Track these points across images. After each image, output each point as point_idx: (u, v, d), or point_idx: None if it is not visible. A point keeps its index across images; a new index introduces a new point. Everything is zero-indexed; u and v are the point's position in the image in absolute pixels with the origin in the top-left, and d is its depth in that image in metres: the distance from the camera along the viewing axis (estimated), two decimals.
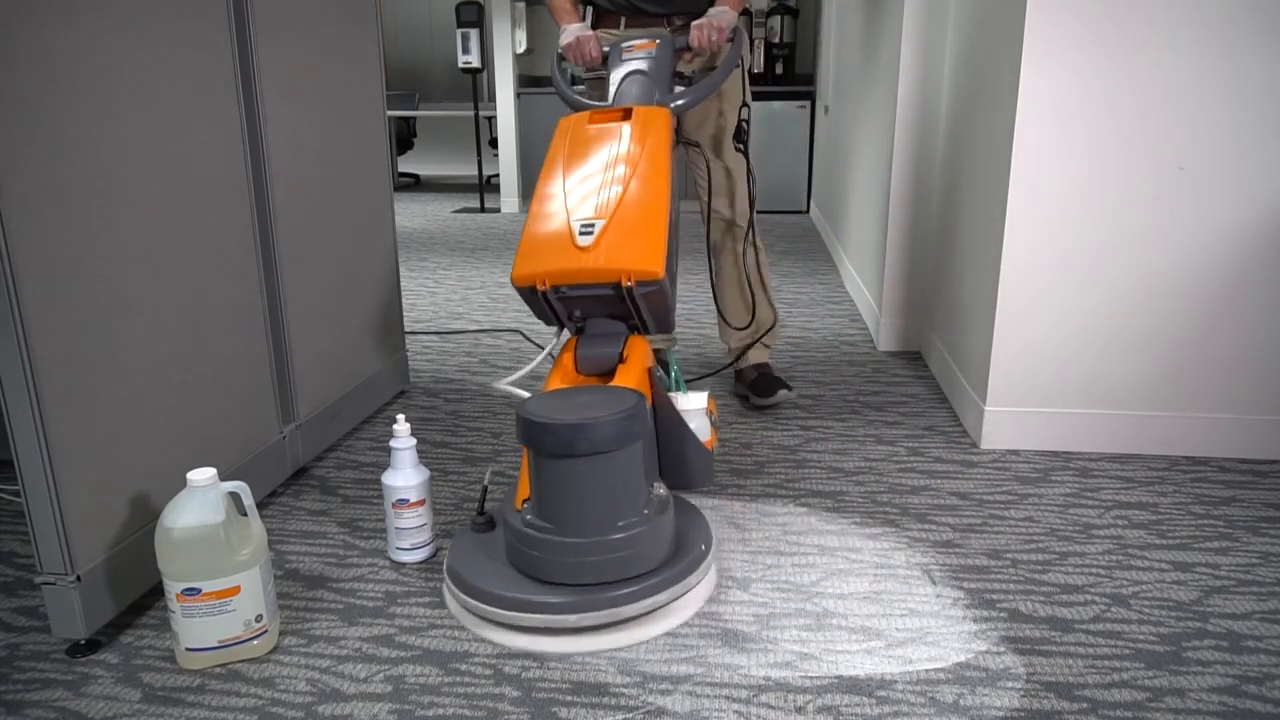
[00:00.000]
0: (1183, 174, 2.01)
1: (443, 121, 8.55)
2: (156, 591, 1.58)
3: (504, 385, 1.78)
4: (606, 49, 2.21)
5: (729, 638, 1.47)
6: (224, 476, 1.44)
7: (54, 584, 1.39)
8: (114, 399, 1.47)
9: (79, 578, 1.39)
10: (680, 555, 1.52)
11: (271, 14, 1.90)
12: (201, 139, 1.69)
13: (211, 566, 1.36)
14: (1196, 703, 1.31)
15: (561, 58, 2.33)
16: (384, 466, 1.74)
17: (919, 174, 2.92)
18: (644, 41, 2.11)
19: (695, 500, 1.93)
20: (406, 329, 3.35)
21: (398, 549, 1.71)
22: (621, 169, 1.77)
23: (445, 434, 2.34)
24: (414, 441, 1.68)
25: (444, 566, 1.60)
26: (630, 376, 1.62)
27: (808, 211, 6.44)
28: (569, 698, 1.33)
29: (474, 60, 6.43)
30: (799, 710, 1.30)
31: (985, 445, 2.21)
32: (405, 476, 1.67)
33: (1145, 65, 1.96)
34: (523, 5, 6.68)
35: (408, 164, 8.69)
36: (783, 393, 2.44)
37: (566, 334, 1.79)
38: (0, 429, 1.36)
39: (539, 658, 1.42)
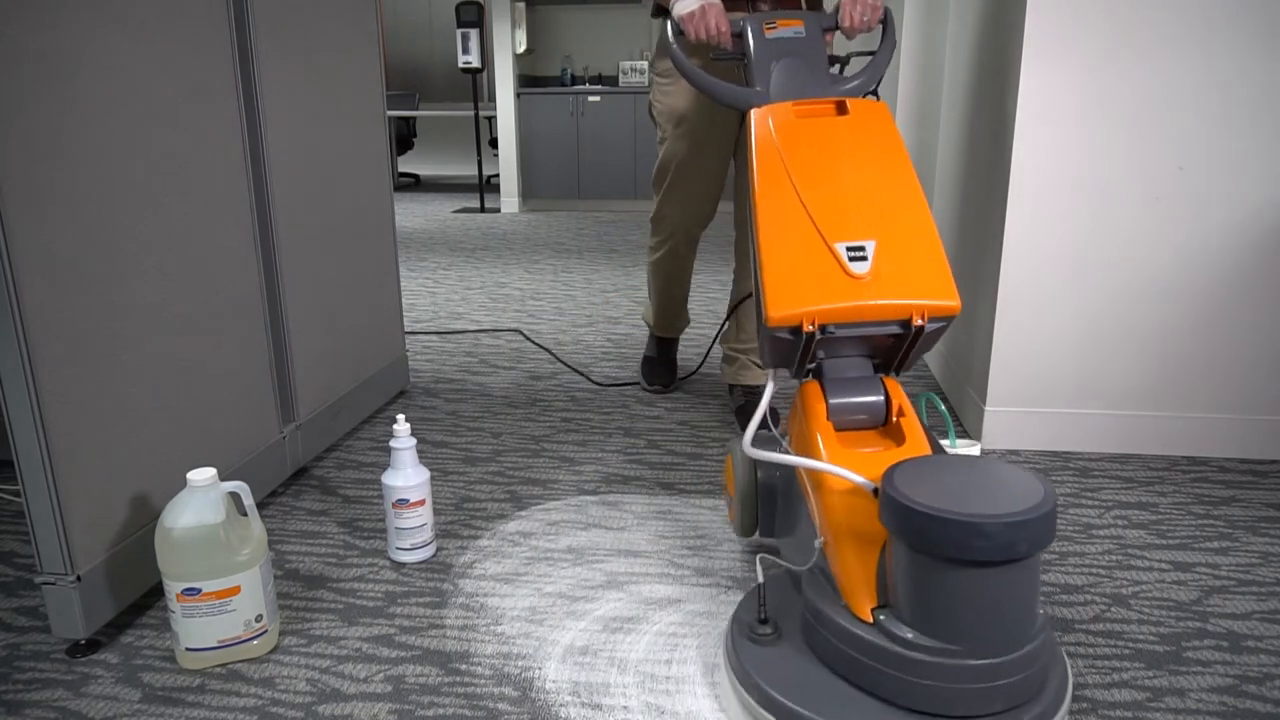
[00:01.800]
0: (1182, 174, 2.01)
1: (443, 121, 8.55)
2: (156, 591, 1.58)
3: (757, 452, 1.39)
4: (737, 23, 1.80)
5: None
6: (224, 476, 1.44)
7: (54, 584, 1.39)
8: (114, 399, 1.47)
9: (79, 578, 1.39)
10: (1055, 672, 1.21)
11: (271, 14, 1.90)
12: (201, 139, 1.69)
13: (211, 566, 1.36)
14: (1196, 703, 1.31)
15: (679, 31, 1.88)
16: (384, 466, 1.74)
17: (919, 174, 2.92)
18: (788, 18, 1.77)
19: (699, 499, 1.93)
20: (406, 329, 3.35)
21: (398, 549, 1.71)
22: (871, 177, 1.48)
23: (445, 434, 2.34)
24: (414, 441, 1.68)
25: (742, 684, 1.24)
26: (915, 434, 1.36)
27: None
28: (569, 698, 1.33)
29: (474, 60, 6.43)
30: None
31: (985, 445, 2.21)
32: (405, 476, 1.67)
33: (1145, 65, 1.96)
34: (523, 5, 6.68)
35: (408, 164, 8.69)
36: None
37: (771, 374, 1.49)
38: (0, 429, 1.36)
39: None
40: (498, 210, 6.74)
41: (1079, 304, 2.11)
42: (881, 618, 1.16)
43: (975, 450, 1.60)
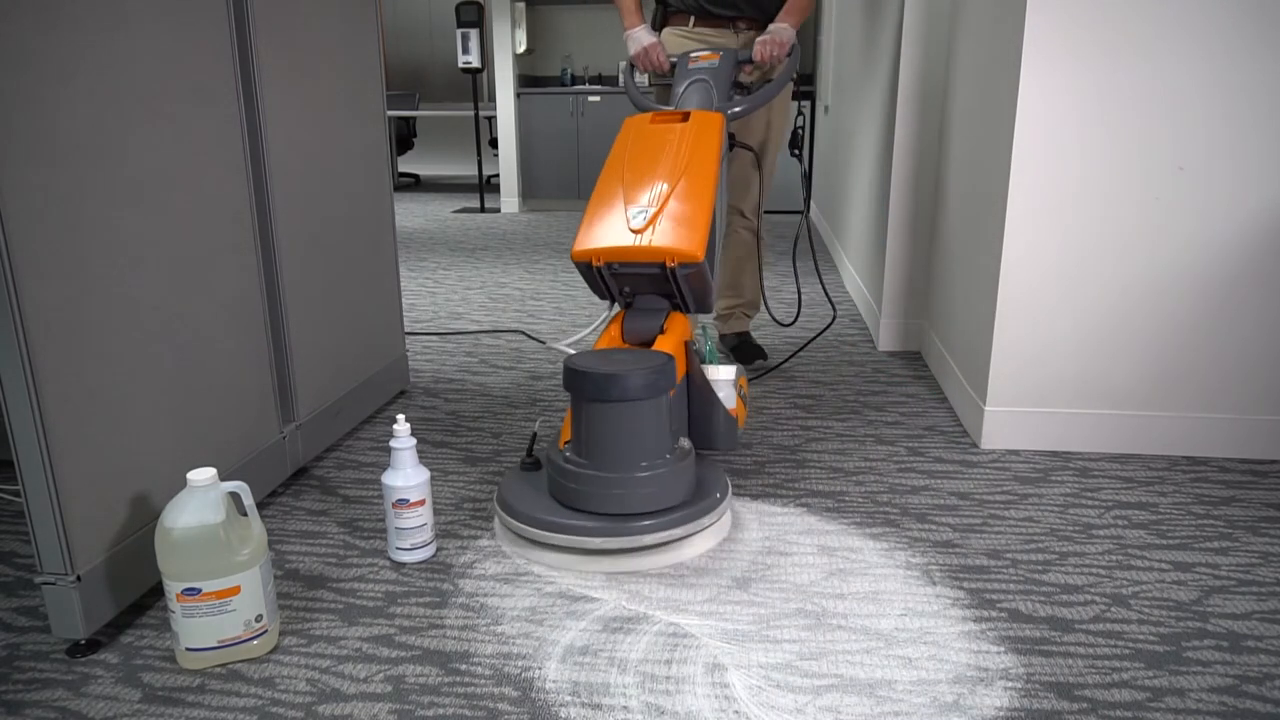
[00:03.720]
0: (1182, 174, 2.01)
1: (443, 121, 8.55)
2: (156, 591, 1.58)
3: (561, 345, 1.99)
4: (673, 58, 2.45)
5: (729, 637, 1.47)
6: (224, 476, 1.44)
7: (54, 584, 1.39)
8: (114, 399, 1.47)
9: (79, 578, 1.39)
10: (698, 499, 1.73)
11: (271, 14, 1.90)
12: (201, 139, 1.69)
13: (211, 566, 1.36)
14: (1196, 703, 1.31)
15: (632, 65, 2.54)
16: (384, 466, 1.74)
17: (919, 174, 2.92)
18: (709, 53, 2.35)
19: None
20: (406, 329, 3.35)
21: (398, 549, 1.71)
22: (675, 164, 1.99)
23: (445, 434, 2.34)
24: (414, 441, 1.68)
25: (495, 498, 1.83)
26: (668, 344, 1.86)
27: (807, 212, 6.44)
28: (569, 698, 1.33)
29: (474, 60, 6.43)
30: (799, 710, 1.30)
31: (985, 445, 2.21)
32: (405, 476, 1.67)
33: (1145, 65, 1.96)
34: (523, 5, 6.68)
35: (408, 164, 8.69)
36: (759, 361, 2.83)
37: (616, 308, 2.04)
38: (0, 429, 1.36)
39: (561, 568, 1.66)
40: (498, 210, 6.74)
41: (1079, 304, 2.11)
42: (565, 451, 1.73)
43: (731, 374, 1.98)
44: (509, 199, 6.72)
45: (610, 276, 1.92)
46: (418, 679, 1.38)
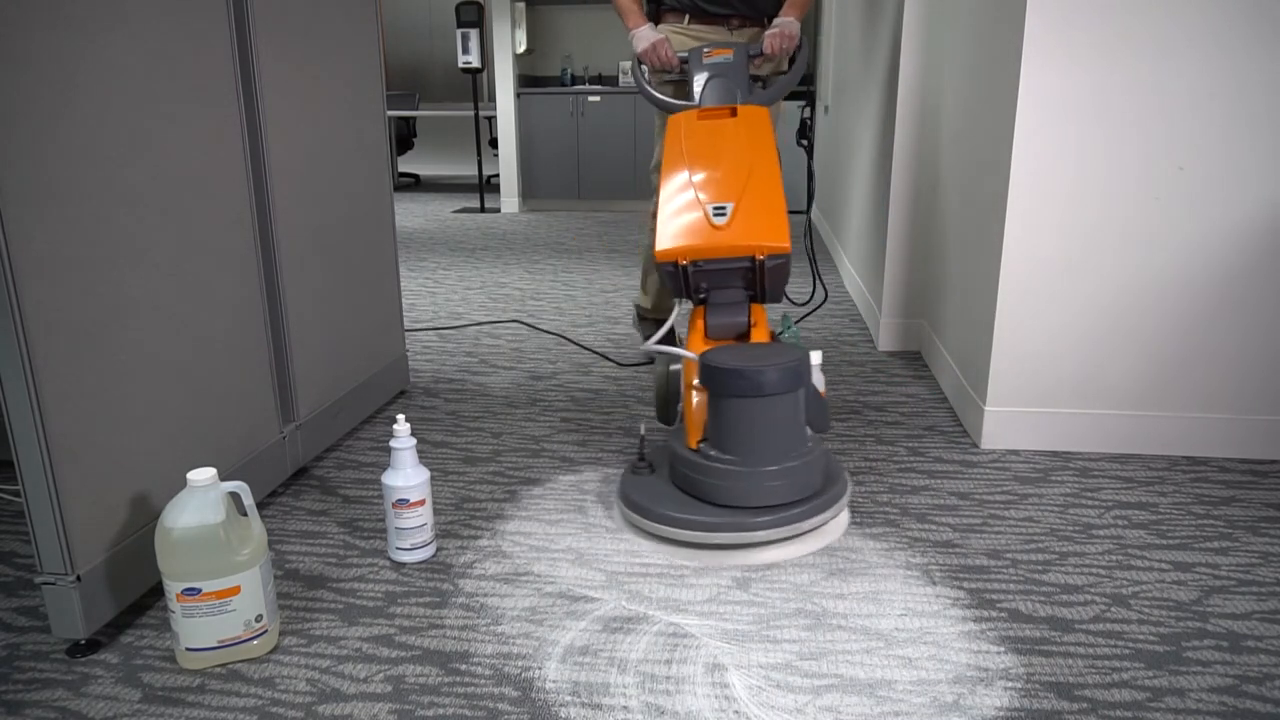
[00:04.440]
0: (1182, 174, 2.01)
1: (443, 121, 8.55)
2: (156, 591, 1.58)
3: (653, 346, 1.99)
4: (683, 54, 2.43)
5: (729, 637, 1.47)
6: (224, 476, 1.44)
7: (54, 584, 1.39)
8: (114, 399, 1.47)
9: (79, 578, 1.39)
10: (832, 485, 1.78)
11: (271, 14, 1.90)
12: (201, 139, 1.69)
13: (211, 566, 1.36)
14: (1196, 703, 1.31)
15: (640, 62, 2.51)
16: (384, 466, 1.74)
17: (919, 174, 2.92)
18: (721, 48, 2.34)
19: None
20: (406, 328, 3.35)
21: (398, 549, 1.71)
22: (741, 159, 2.03)
23: (445, 434, 2.34)
24: (414, 441, 1.68)
25: (620, 500, 1.84)
26: (763, 336, 1.94)
27: (808, 212, 6.44)
28: (569, 698, 1.33)
29: (474, 60, 6.43)
30: (799, 710, 1.30)
31: (985, 445, 2.21)
32: (405, 476, 1.67)
33: (1145, 65, 1.96)
34: (523, 5, 6.68)
35: (408, 164, 8.69)
36: None
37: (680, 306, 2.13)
38: (0, 429, 1.36)
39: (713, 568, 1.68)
40: (498, 210, 6.74)
41: (1079, 304, 2.11)
42: (702, 446, 1.75)
43: (818, 358, 1.92)
44: (509, 199, 6.72)
45: (694, 274, 1.95)
46: (418, 679, 1.38)
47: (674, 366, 2.02)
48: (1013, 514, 1.88)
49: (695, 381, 1.80)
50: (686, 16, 2.59)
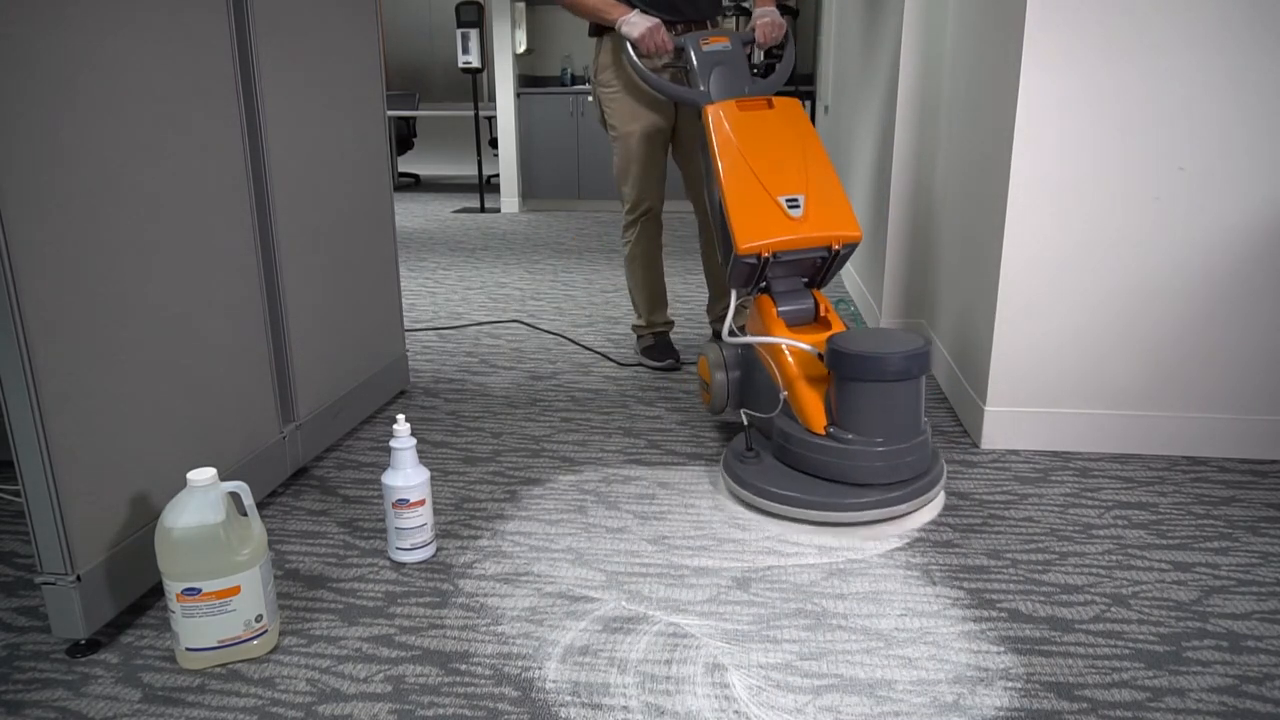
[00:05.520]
0: (1182, 174, 2.01)
1: (443, 121, 8.55)
2: (156, 591, 1.58)
3: (739, 338, 2.06)
4: (678, 40, 2.45)
5: (729, 637, 1.47)
6: (224, 476, 1.44)
7: (54, 584, 1.39)
8: (114, 399, 1.47)
9: (79, 578, 1.39)
10: (936, 461, 1.91)
11: (271, 14, 1.90)
12: (201, 139, 1.69)
13: (211, 566, 1.36)
14: (1196, 703, 1.31)
15: (634, 46, 2.47)
16: (384, 466, 1.74)
17: (919, 174, 2.92)
18: (717, 36, 2.38)
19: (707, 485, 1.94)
20: (406, 328, 3.35)
21: (398, 549, 1.71)
22: (794, 149, 2.11)
23: (445, 434, 2.34)
24: (414, 441, 1.68)
25: (737, 483, 1.91)
26: (838, 323, 2.03)
27: None
28: (569, 698, 1.33)
29: (474, 60, 6.43)
30: (799, 710, 1.30)
31: (985, 445, 2.21)
32: (405, 476, 1.67)
33: (1145, 65, 1.96)
34: (523, 5, 6.68)
35: (408, 164, 8.69)
36: None
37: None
38: (0, 429, 1.36)
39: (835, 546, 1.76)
40: (498, 210, 6.74)
41: (1079, 304, 2.11)
42: (831, 430, 1.83)
43: None
44: (509, 199, 6.72)
45: (772, 265, 2.01)
46: (418, 679, 1.38)
47: (728, 353, 2.11)
48: (1013, 514, 1.88)
49: (827, 366, 1.87)
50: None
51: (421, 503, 1.69)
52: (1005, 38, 2.11)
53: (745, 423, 1.99)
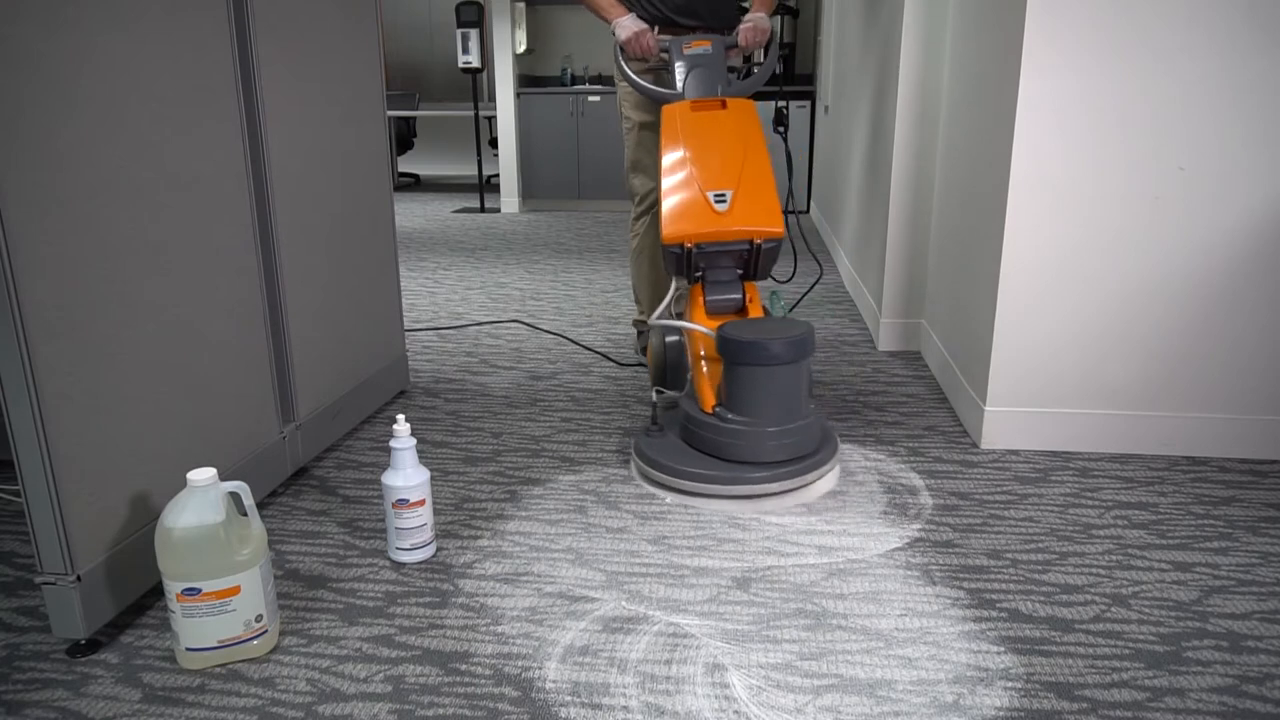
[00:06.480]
0: (1182, 174, 2.01)
1: (443, 121, 8.55)
2: (156, 591, 1.58)
3: (663, 320, 2.18)
4: (664, 42, 2.55)
5: (729, 637, 1.47)
6: (224, 476, 1.44)
7: (54, 584, 1.39)
8: (114, 399, 1.47)
9: (79, 578, 1.39)
10: (827, 443, 2.02)
11: (271, 14, 1.90)
12: (201, 139, 1.69)
13: (211, 566, 1.36)
14: (1196, 703, 1.31)
15: (622, 50, 2.59)
16: (384, 466, 1.73)
17: (919, 174, 2.92)
18: (700, 39, 2.47)
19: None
20: (406, 328, 3.35)
21: (398, 549, 1.71)
22: (734, 148, 2.21)
23: (445, 434, 2.34)
24: (414, 441, 1.68)
25: (638, 457, 2.04)
26: (759, 311, 2.15)
27: (808, 211, 6.44)
28: (569, 698, 1.33)
29: (474, 60, 6.43)
30: (799, 710, 1.30)
31: (985, 445, 2.21)
32: (405, 476, 1.67)
33: (1145, 66, 1.96)
34: (523, 5, 6.68)
35: (408, 164, 8.69)
36: None
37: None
38: (0, 429, 1.36)
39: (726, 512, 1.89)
40: (498, 210, 6.73)
41: (1079, 304, 2.11)
42: (716, 410, 1.95)
43: None
44: (509, 199, 6.72)
45: (697, 256, 2.13)
46: (418, 679, 1.38)
47: (670, 338, 2.18)
48: (1013, 514, 1.88)
49: (700, 351, 2.07)
50: (656, 28, 2.63)
51: (421, 503, 1.69)
52: (1005, 38, 2.11)
53: (653, 400, 2.15)
